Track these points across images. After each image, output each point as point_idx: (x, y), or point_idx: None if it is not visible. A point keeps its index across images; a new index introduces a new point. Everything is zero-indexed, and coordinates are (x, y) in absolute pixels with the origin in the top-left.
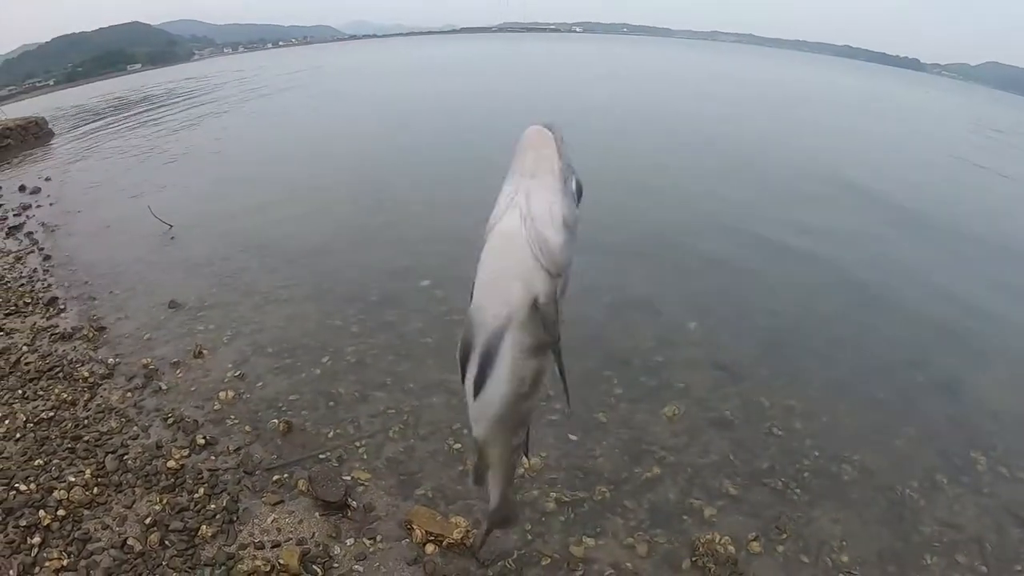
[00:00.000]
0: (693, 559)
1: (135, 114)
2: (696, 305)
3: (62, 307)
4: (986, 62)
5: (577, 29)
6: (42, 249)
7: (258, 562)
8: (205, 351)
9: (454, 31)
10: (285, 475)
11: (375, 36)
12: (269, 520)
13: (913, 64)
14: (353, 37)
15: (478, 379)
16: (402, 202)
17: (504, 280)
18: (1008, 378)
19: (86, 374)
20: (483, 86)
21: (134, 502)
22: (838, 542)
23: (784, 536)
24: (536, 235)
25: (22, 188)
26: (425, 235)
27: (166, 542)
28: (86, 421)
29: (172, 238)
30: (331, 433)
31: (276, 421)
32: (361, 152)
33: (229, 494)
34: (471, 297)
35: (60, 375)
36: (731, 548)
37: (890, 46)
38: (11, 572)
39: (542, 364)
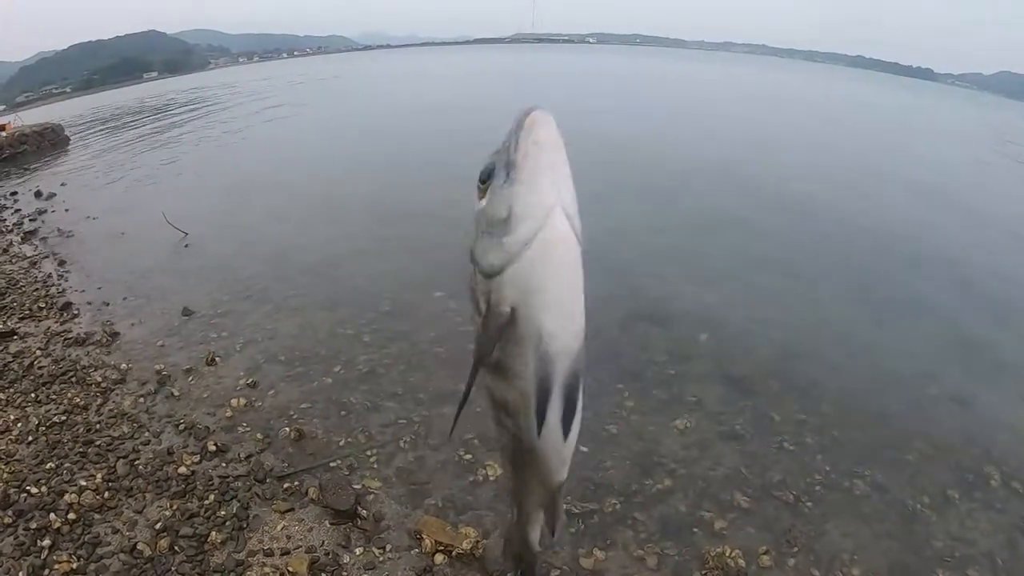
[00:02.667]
0: (703, 572)
1: (151, 122)
2: (708, 319)
3: (76, 312)
4: (1000, 71)
5: (591, 40)
6: (57, 254)
7: (267, 569)
8: (218, 358)
9: (468, 42)
10: (296, 483)
11: (389, 46)
12: (279, 527)
13: (926, 74)
14: (367, 48)
15: (566, 418)
16: (417, 212)
17: (576, 298)
18: (1022, 392)
19: (99, 379)
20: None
21: (144, 507)
22: (849, 556)
23: (795, 549)
24: (581, 240)
25: (38, 193)
26: (439, 245)
27: (176, 547)
28: (98, 426)
29: (186, 245)
30: (342, 442)
31: (287, 429)
32: (377, 162)
33: (239, 501)
34: (523, 325)
35: (73, 379)
36: (741, 561)
37: (903, 56)
38: (20, 574)
39: None
